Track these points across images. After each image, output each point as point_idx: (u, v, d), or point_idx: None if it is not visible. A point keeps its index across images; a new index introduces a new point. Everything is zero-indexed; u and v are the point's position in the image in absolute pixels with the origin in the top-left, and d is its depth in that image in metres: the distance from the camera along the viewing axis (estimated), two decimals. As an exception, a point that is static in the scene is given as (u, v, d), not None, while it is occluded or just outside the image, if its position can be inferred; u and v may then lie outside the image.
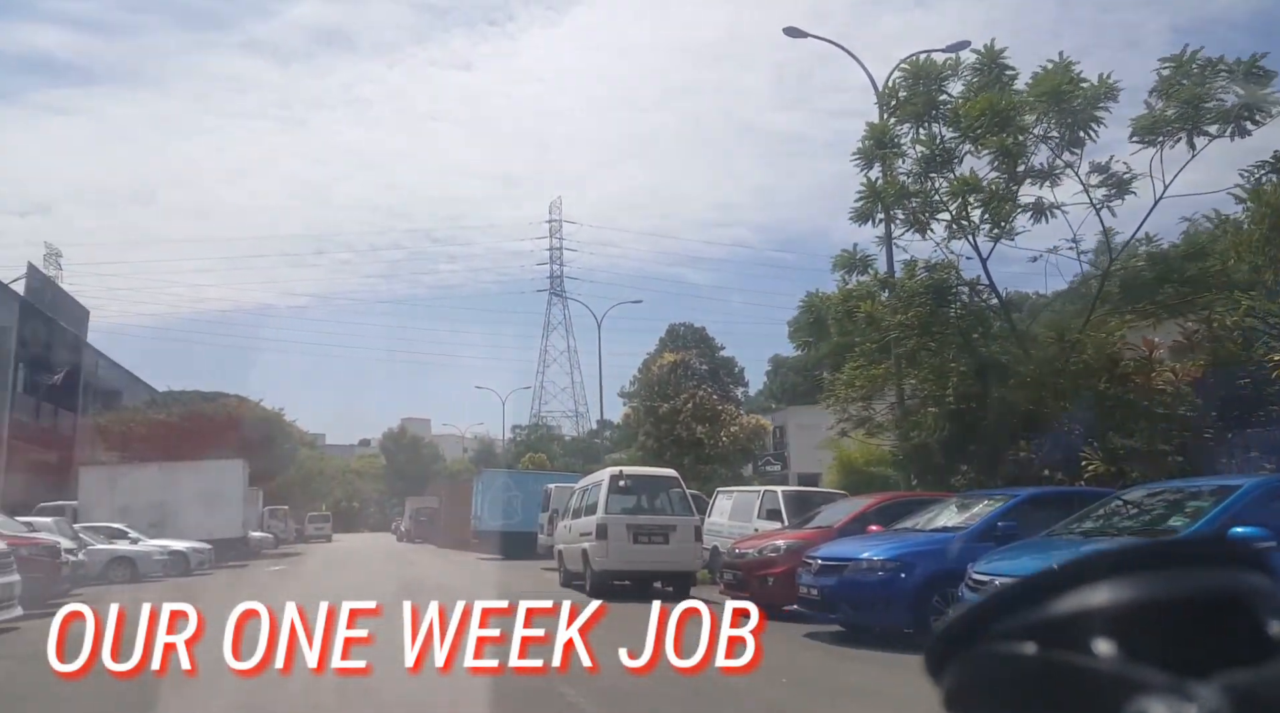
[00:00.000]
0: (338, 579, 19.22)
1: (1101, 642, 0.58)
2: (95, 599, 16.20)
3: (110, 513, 25.72)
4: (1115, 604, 0.59)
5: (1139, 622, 0.58)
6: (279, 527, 43.79)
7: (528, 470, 38.94)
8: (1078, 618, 0.59)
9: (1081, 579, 0.61)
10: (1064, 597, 0.61)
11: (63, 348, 33.68)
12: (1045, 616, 0.61)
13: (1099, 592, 0.60)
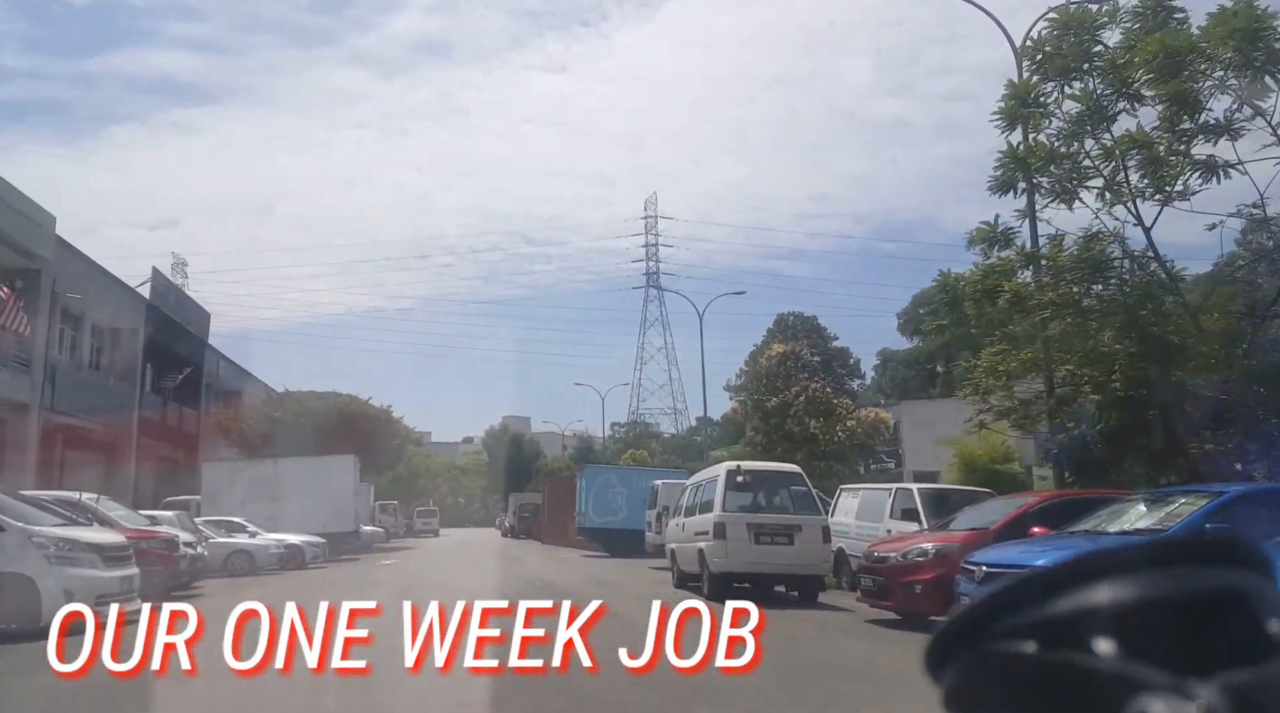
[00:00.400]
0: (450, 575, 18.93)
1: (1102, 641, 0.57)
2: (214, 592, 16.40)
3: (230, 507, 26.37)
4: (1116, 603, 0.58)
5: (1140, 621, 0.58)
6: (389, 521, 44.72)
7: (632, 466, 38.31)
8: (1078, 617, 0.59)
9: (1082, 578, 0.60)
10: (1064, 596, 0.60)
11: (186, 349, 35.03)
12: (1046, 614, 0.60)
13: (1100, 591, 0.59)
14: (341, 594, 14.34)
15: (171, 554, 13.75)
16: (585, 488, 27.78)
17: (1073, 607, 0.60)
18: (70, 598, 9.88)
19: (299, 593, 14.64)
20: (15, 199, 21.45)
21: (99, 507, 14.07)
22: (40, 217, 22.72)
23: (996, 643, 0.62)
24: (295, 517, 26.96)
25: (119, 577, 10.57)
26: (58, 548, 9.95)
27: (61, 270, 24.41)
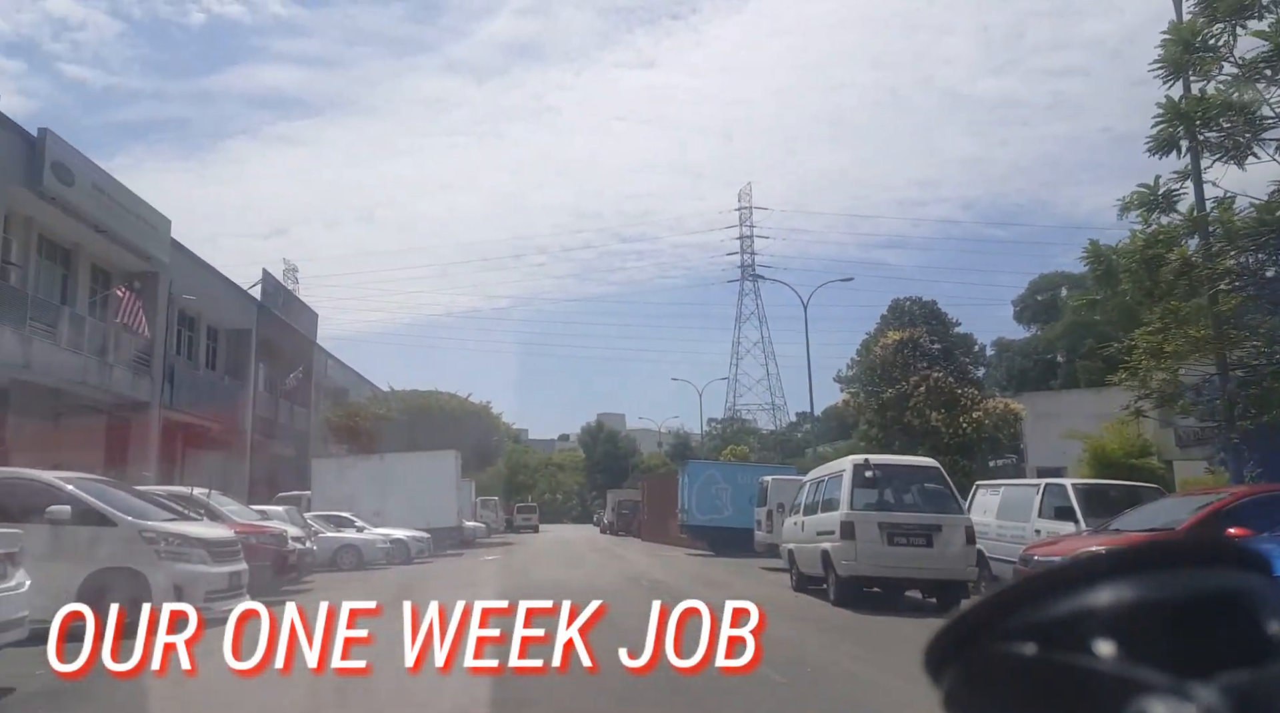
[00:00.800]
0: (555, 572, 18.44)
1: (1102, 642, 0.57)
2: (322, 587, 16.35)
3: (338, 502, 26.73)
4: (1116, 605, 0.59)
5: (1139, 622, 0.58)
6: (490, 517, 45.02)
7: (736, 463, 37.27)
8: (1078, 618, 0.59)
9: (1082, 579, 0.60)
10: (1064, 597, 0.60)
11: (296, 348, 35.95)
12: (1046, 616, 0.60)
13: (1100, 592, 0.59)
14: (448, 591, 13.96)
15: (280, 550, 13.63)
16: (688, 485, 26.92)
17: (1072, 608, 0.59)
18: (179, 594, 9.68)
19: (408, 590, 14.36)
20: (132, 203, 22.14)
21: (211, 502, 14.08)
22: (156, 220, 23.42)
23: (997, 644, 0.62)
24: (400, 512, 27.16)
25: (227, 573, 10.34)
26: (167, 543, 9.76)
27: (177, 273, 25.17)
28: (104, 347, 20.89)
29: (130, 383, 22.29)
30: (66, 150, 18.97)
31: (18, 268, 18.71)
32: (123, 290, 20.37)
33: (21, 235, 19.32)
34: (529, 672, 5.08)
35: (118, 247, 21.84)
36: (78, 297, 21.42)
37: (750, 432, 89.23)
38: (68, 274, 21.49)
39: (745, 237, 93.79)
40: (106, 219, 20.61)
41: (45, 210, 19.11)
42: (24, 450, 17.98)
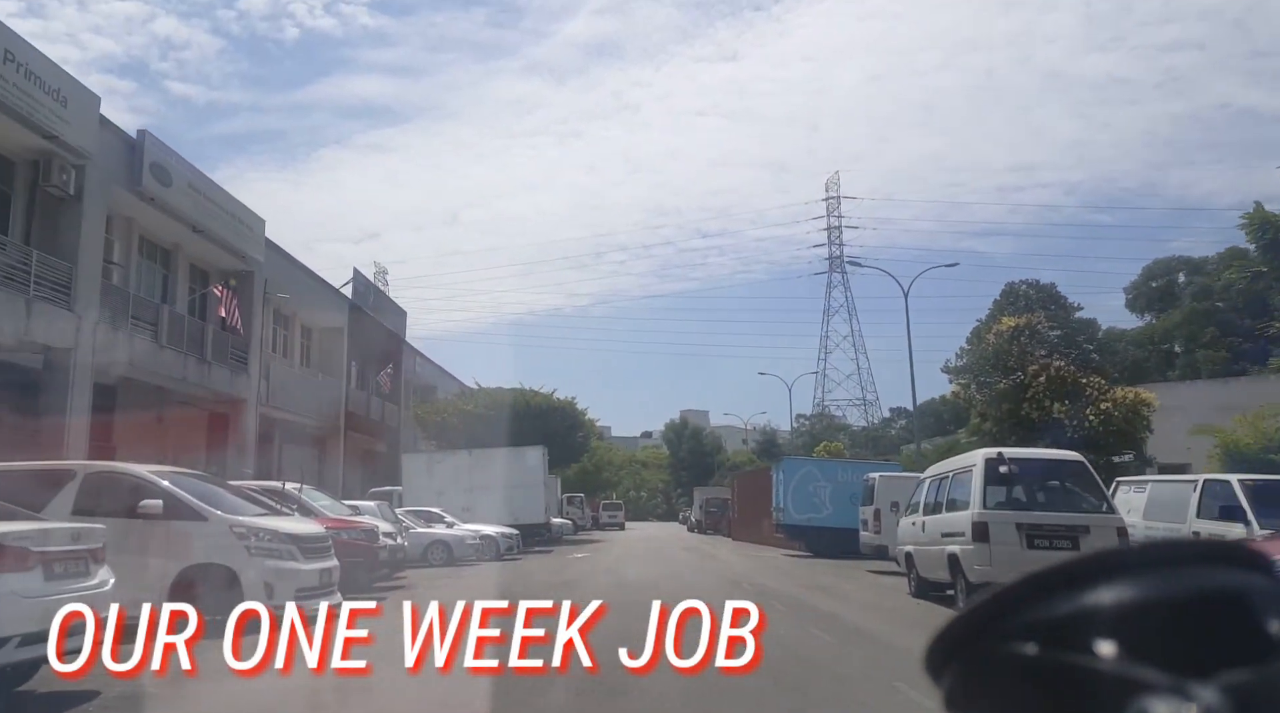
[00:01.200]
0: (648, 572, 17.74)
1: (1103, 642, 0.57)
2: (415, 584, 16.04)
3: (427, 497, 26.73)
4: (1117, 604, 0.59)
5: (1140, 622, 0.58)
6: (576, 514, 44.79)
7: (836, 459, 35.92)
8: (1079, 618, 0.59)
9: (1083, 579, 0.60)
10: (1065, 597, 0.60)
11: (386, 346, 36.34)
12: (1046, 616, 0.60)
13: (1100, 592, 0.59)
14: (543, 590, 13.43)
15: (371, 545, 13.31)
16: (783, 482, 25.85)
17: (1073, 608, 0.59)
18: (270, 592, 9.32)
19: (506, 588, 13.88)
20: (228, 203, 22.46)
21: (304, 496, 13.88)
22: (251, 220, 23.74)
23: (997, 644, 0.62)
24: (488, 507, 26.99)
25: (318, 569, 9.96)
26: (258, 539, 9.42)
27: (272, 272, 25.51)
28: (202, 344, 21.21)
29: (228, 380, 22.62)
30: (164, 151, 19.27)
31: (120, 267, 19.09)
32: (220, 288, 20.62)
33: (124, 236, 19.73)
34: (529, 672, 5.02)
35: (215, 246, 22.18)
36: (177, 296, 21.85)
37: (840, 428, 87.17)
38: (168, 274, 21.92)
39: (833, 227, 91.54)
40: (203, 219, 20.91)
41: (145, 211, 19.46)
42: (129, 447, 18.34)
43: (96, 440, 17.00)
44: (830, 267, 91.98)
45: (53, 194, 16.11)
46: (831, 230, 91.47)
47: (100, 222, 17.31)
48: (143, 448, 19.18)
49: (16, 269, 14.91)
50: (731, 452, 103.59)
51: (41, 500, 9.09)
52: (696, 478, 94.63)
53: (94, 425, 16.96)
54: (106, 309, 17.32)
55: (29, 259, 15.18)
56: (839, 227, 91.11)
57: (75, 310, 16.16)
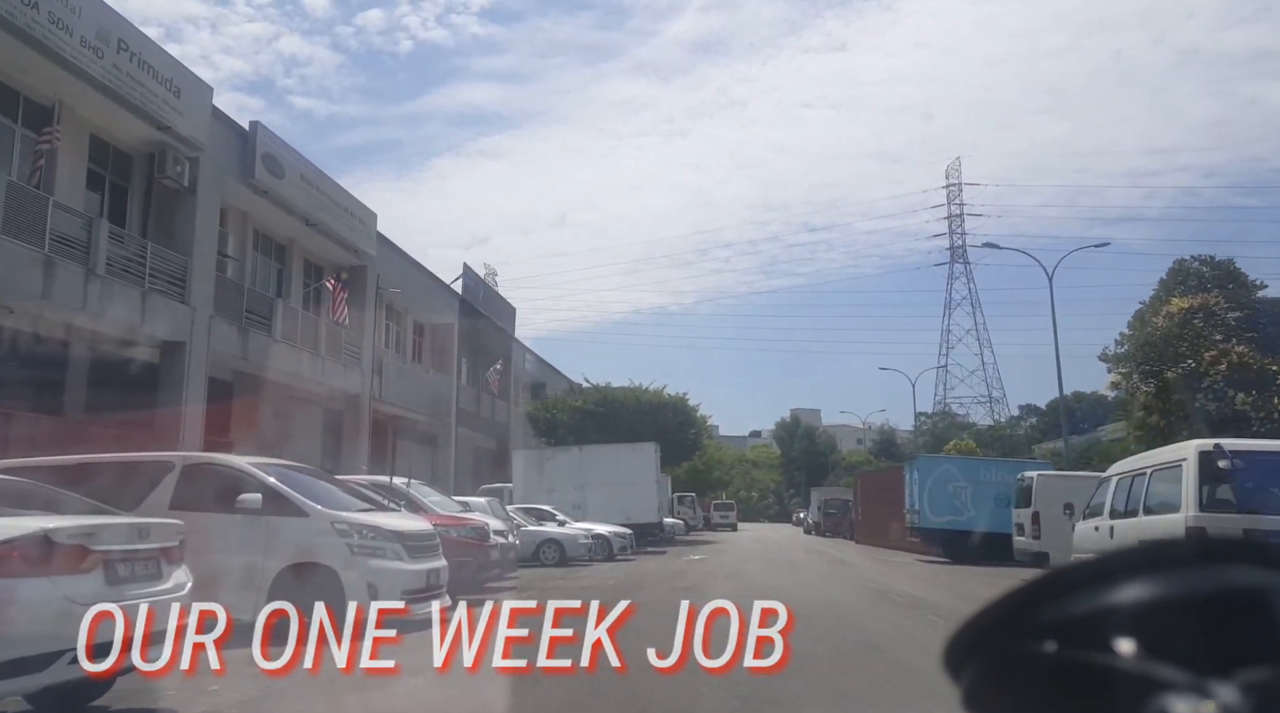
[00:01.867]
0: (773, 577, 16.34)
1: (1122, 640, 0.57)
2: (528, 585, 15.20)
3: (537, 495, 26.10)
4: (1136, 602, 0.58)
5: (1159, 620, 0.58)
6: (687, 513, 43.56)
7: (972, 457, 33.47)
8: (1098, 616, 0.59)
9: (1102, 577, 0.60)
10: (1084, 595, 0.60)
11: (495, 342, 36.14)
12: (1065, 614, 0.60)
13: (1119, 589, 0.59)
14: (665, 596, 12.30)
15: (482, 544, 12.44)
16: (917, 482, 23.85)
17: (1092, 606, 0.59)
18: (374, 594, 8.47)
19: (628, 591, 12.83)
20: (340, 196, 22.34)
21: (412, 492, 13.18)
22: (363, 214, 23.62)
23: (1016, 643, 0.61)
24: (599, 505, 26.15)
25: (425, 570, 9.07)
26: (360, 536, 8.60)
27: (384, 267, 25.40)
28: (316, 339, 21.10)
29: (342, 375, 22.52)
30: (276, 143, 19.16)
31: (235, 261, 19.09)
32: (331, 281, 20.44)
33: (238, 230, 19.77)
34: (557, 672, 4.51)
35: (327, 240, 22.09)
36: (292, 291, 21.86)
37: (964, 426, 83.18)
38: (282, 269, 21.97)
39: (954, 216, 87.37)
40: (315, 212, 20.79)
41: (258, 204, 19.41)
42: (247, 443, 18.28)
43: (212, 435, 16.91)
44: (951, 257, 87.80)
45: (167, 186, 16.08)
46: (952, 219, 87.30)
47: (214, 214, 17.24)
48: (259, 443, 19.15)
49: (133, 262, 14.86)
50: (846, 451, 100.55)
51: (139, 495, 8.55)
52: (810, 478, 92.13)
53: (210, 420, 16.89)
54: (221, 303, 17.24)
55: (145, 252, 15.12)
56: (960, 215, 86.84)
57: (190, 303, 16.07)
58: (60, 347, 13.85)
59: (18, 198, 12.39)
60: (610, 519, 24.15)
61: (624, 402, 34.54)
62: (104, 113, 14.60)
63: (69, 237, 13.27)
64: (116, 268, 14.33)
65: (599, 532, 21.97)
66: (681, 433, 35.07)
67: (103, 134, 15.27)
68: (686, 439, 35.93)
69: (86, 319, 13.63)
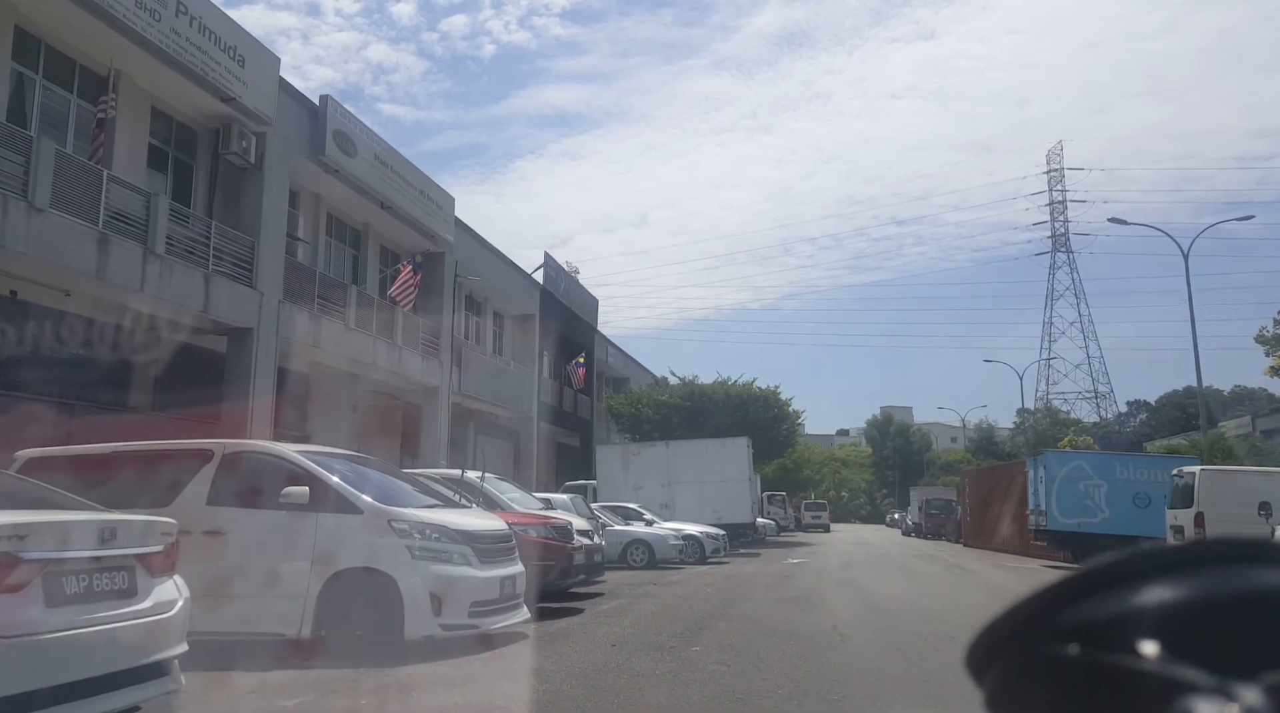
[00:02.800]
0: (890, 584, 14.43)
1: (1146, 642, 0.57)
2: (620, 591, 13.72)
3: (624, 492, 24.71)
4: (1160, 604, 0.58)
5: (1184, 622, 0.57)
6: (778, 513, 41.53)
7: (1106, 452, 30.57)
8: (1122, 618, 0.58)
9: (1125, 579, 0.60)
10: (1107, 597, 0.60)
11: (577, 335, 34.94)
12: (1089, 616, 0.60)
13: (1143, 591, 0.59)
14: (775, 607, 10.62)
15: (565, 545, 10.98)
16: (1044, 480, 21.40)
17: (1115, 608, 0.59)
18: (439, 607, 7.09)
19: (722, 599, 11.19)
20: (416, 178, 21.34)
21: (487, 486, 11.85)
22: (440, 197, 22.61)
23: (1040, 645, 0.61)
24: (689, 504, 24.59)
25: (498, 577, 7.64)
26: (423, 537, 7.21)
27: (462, 254, 24.38)
28: (392, 328, 20.14)
29: (420, 366, 21.54)
30: (348, 120, 18.21)
31: (305, 244, 18.23)
32: (406, 264, 19.42)
33: (310, 213, 18.92)
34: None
35: (404, 226, 21.13)
36: (367, 278, 20.97)
37: (1068, 423, 78.67)
38: (357, 255, 21.12)
39: (1056, 203, 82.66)
40: (390, 194, 19.81)
41: (331, 186, 18.51)
42: (322, 437, 17.38)
43: (284, 429, 16.01)
44: (1054, 245, 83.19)
45: (233, 163, 15.22)
46: (1054, 206, 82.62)
47: (283, 193, 16.33)
48: (335, 437, 18.27)
49: (197, 242, 14.00)
50: (941, 450, 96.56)
51: (173, 489, 7.37)
52: (905, 478, 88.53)
53: (281, 413, 15.99)
54: (291, 287, 16.35)
55: (209, 231, 14.25)
56: (1063, 202, 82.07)
57: (258, 287, 15.17)
58: (121, 334, 13.05)
59: (70, 169, 11.55)
60: (700, 519, 22.56)
61: (712, 396, 32.83)
62: (164, 82, 13.77)
63: (126, 213, 12.43)
64: (179, 249, 13.47)
65: (690, 532, 20.39)
66: (773, 429, 33.14)
67: (164, 106, 14.47)
68: (779, 435, 33.96)
69: (145, 302, 12.77)
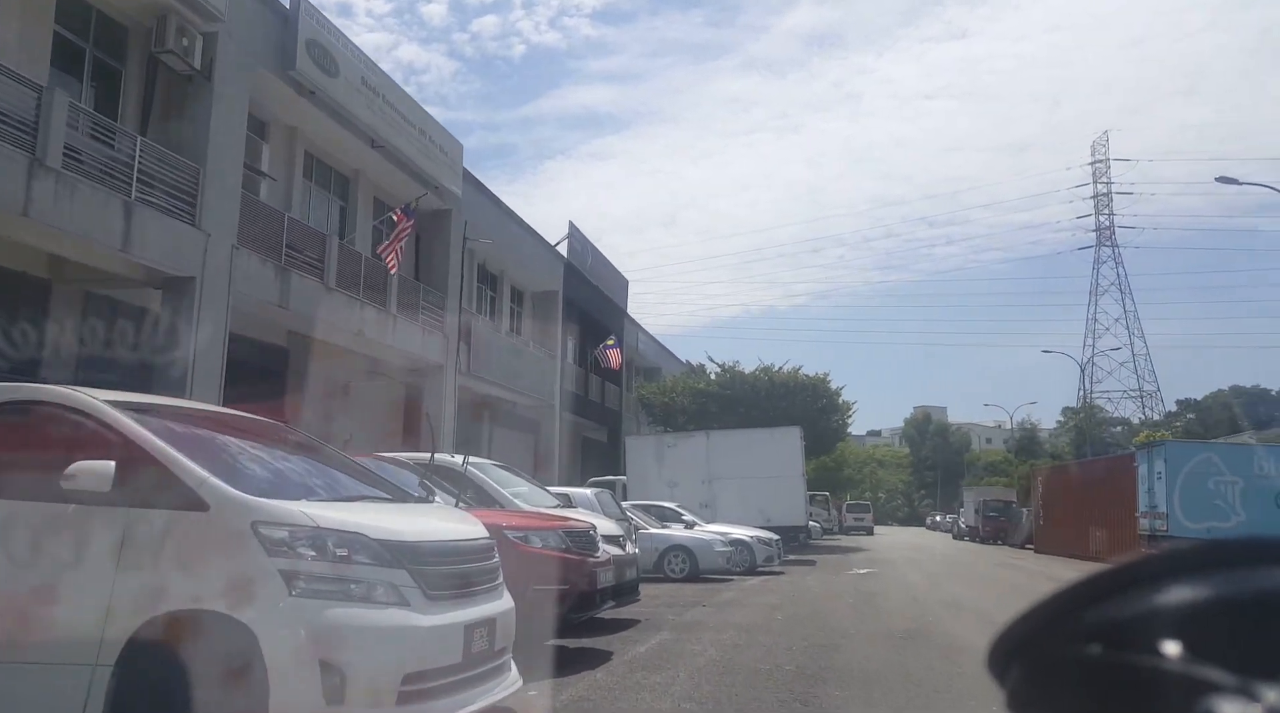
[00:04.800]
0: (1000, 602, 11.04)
1: (1168, 642, 0.57)
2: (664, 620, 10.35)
3: (658, 490, 21.46)
4: (1182, 604, 0.58)
5: (1206, 622, 0.57)
6: (821, 515, 38.07)
7: (1248, 444, 26.67)
8: (1144, 618, 0.58)
9: (1147, 579, 0.60)
10: (1130, 597, 0.60)
11: (605, 316, 31.69)
12: (1111, 616, 0.60)
13: (1165, 591, 0.58)
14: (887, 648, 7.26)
15: (586, 560, 7.66)
16: (1163, 476, 17.81)
17: (1138, 608, 0.59)
18: (338, 687, 3.78)
19: (805, 633, 7.86)
20: (415, 114, 18.13)
21: (480, 475, 8.62)
22: (445, 141, 19.45)
23: (1062, 645, 0.61)
24: (732, 503, 21.30)
25: (460, 625, 4.33)
26: (316, 552, 3.94)
27: (474, 214, 21.24)
28: (385, 291, 17.02)
29: (419, 340, 18.42)
30: (328, 32, 15.04)
31: (272, 181, 15.13)
32: (399, 214, 16.28)
33: (284, 149, 15.81)
34: None
35: (402, 173, 18.00)
36: (357, 234, 17.85)
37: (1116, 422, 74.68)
38: (345, 207, 18.02)
39: (1101, 194, 79.00)
40: (382, 128, 16.65)
41: (309, 116, 15.41)
42: (308, 419, 14.32)
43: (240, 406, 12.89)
44: (1098, 239, 79.78)
45: (172, 69, 12.13)
46: (1099, 198, 79.00)
47: (239, 113, 13.21)
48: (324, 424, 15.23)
49: (119, 164, 10.92)
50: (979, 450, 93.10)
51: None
52: (945, 478, 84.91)
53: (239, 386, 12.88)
54: (251, 232, 13.27)
55: (134, 148, 11.15)
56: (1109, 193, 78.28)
57: (202, 227, 12.07)
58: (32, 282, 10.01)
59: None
60: (746, 520, 19.26)
61: (755, 384, 29.40)
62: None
63: (6, 111, 9.36)
64: (92, 169, 10.40)
65: (738, 536, 17.09)
66: (822, 420, 29.62)
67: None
68: (829, 428, 30.45)
69: (31, 232, 9.68)
